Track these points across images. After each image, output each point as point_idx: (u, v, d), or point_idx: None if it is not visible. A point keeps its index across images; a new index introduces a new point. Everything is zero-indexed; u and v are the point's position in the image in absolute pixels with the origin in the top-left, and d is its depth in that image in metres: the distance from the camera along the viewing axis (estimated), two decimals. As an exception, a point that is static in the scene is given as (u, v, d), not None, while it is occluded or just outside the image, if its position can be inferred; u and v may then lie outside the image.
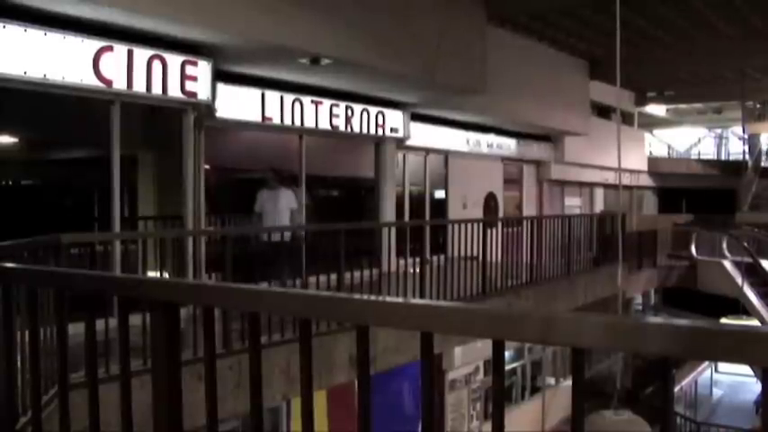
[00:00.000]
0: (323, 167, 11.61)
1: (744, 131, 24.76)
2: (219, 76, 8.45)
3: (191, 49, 7.83)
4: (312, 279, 7.03)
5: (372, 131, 11.48)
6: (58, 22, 6.57)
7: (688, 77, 18.79)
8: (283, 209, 8.82)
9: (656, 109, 25.42)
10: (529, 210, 17.39)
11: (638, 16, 12.88)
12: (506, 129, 15.82)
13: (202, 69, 7.99)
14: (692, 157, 33.18)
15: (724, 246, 17.59)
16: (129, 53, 7.25)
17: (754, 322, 14.29)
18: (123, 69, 7.21)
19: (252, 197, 9.10)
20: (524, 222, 10.87)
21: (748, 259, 16.46)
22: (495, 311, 1.28)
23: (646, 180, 24.94)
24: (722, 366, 23.46)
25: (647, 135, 27.22)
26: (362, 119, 11.24)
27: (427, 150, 13.82)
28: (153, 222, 8.79)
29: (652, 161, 25.95)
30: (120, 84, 7.21)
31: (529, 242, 10.37)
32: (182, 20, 6.95)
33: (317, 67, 8.63)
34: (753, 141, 26.90)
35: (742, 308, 15.27)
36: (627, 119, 22.58)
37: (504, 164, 16.59)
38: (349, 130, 10.98)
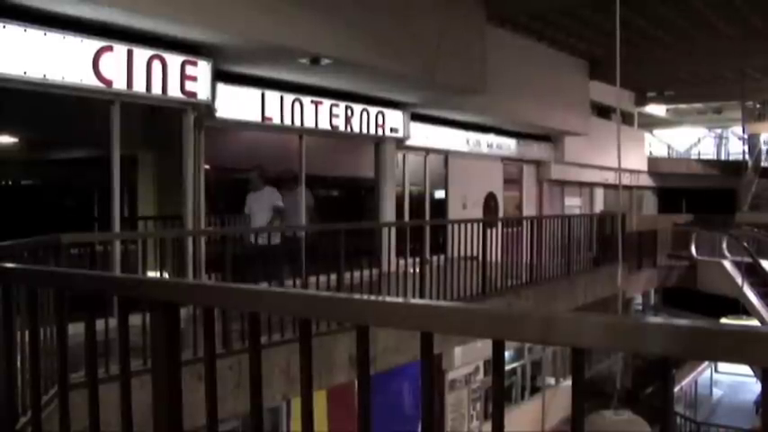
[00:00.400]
0: (323, 167, 11.60)
1: (744, 131, 24.76)
2: (219, 76, 8.45)
3: (191, 49, 7.82)
4: (312, 279, 7.03)
5: (372, 131, 11.48)
6: (58, 22, 6.57)
7: (688, 77, 18.80)
8: (266, 209, 8.68)
9: (656, 109, 25.42)
10: (529, 210, 17.39)
11: (638, 16, 12.88)
12: (506, 129, 15.82)
13: (202, 69, 7.99)
14: (692, 157, 33.18)
15: (724, 246, 17.59)
16: (129, 53, 7.25)
17: (754, 322, 14.29)
18: (123, 69, 7.21)
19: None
20: (524, 222, 10.87)
21: (748, 259, 16.47)
22: (495, 311, 1.28)
23: (646, 180, 24.94)
24: (722, 366, 23.46)
25: (647, 135, 27.21)
26: (362, 119, 11.24)
27: (427, 150, 13.81)
28: (153, 222, 8.79)
29: (652, 161, 25.95)
30: (119, 84, 7.21)
31: (529, 242, 10.37)
32: (182, 20, 6.95)
33: (316, 67, 8.63)
34: (753, 141, 26.90)
35: (742, 308, 15.27)
36: (627, 119, 22.58)
37: (504, 164, 16.59)
38: (349, 130, 10.98)
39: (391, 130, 11.91)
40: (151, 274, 6.19)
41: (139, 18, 6.77)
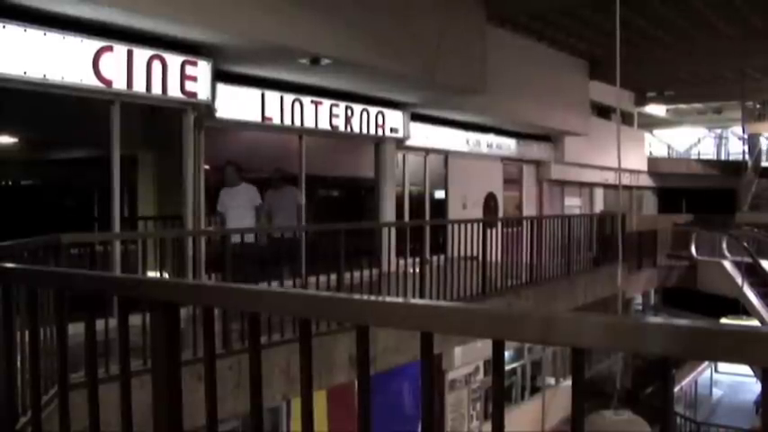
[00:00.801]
0: (323, 167, 11.60)
1: (744, 131, 24.76)
2: (219, 76, 8.45)
3: (191, 49, 7.82)
4: (312, 279, 7.02)
5: (372, 131, 11.48)
6: (58, 22, 6.57)
7: (688, 77, 18.79)
8: (243, 206, 8.36)
9: (656, 109, 25.42)
10: (529, 210, 17.38)
11: (638, 16, 12.88)
12: (506, 129, 15.82)
13: (202, 69, 7.99)
14: (692, 157, 33.18)
15: (724, 246, 17.59)
16: (129, 53, 7.25)
17: (754, 322, 14.29)
18: (123, 69, 7.21)
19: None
20: (524, 222, 10.87)
21: (748, 259, 16.47)
22: (495, 311, 1.28)
23: (646, 180, 24.93)
24: (722, 366, 23.45)
25: (647, 135, 27.21)
26: (362, 119, 11.24)
27: (427, 150, 13.81)
28: (153, 222, 8.78)
29: (652, 161, 25.94)
30: (119, 84, 7.21)
31: (529, 242, 10.37)
32: (182, 20, 6.95)
33: (317, 67, 8.63)
34: (753, 141, 26.90)
35: (742, 308, 15.27)
36: (627, 119, 22.58)
37: (503, 164, 16.59)
38: (349, 130, 10.98)
39: (391, 130, 11.91)
40: (151, 274, 6.19)
41: (139, 18, 6.77)
